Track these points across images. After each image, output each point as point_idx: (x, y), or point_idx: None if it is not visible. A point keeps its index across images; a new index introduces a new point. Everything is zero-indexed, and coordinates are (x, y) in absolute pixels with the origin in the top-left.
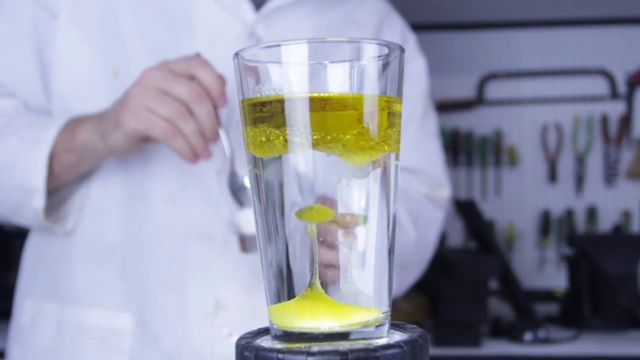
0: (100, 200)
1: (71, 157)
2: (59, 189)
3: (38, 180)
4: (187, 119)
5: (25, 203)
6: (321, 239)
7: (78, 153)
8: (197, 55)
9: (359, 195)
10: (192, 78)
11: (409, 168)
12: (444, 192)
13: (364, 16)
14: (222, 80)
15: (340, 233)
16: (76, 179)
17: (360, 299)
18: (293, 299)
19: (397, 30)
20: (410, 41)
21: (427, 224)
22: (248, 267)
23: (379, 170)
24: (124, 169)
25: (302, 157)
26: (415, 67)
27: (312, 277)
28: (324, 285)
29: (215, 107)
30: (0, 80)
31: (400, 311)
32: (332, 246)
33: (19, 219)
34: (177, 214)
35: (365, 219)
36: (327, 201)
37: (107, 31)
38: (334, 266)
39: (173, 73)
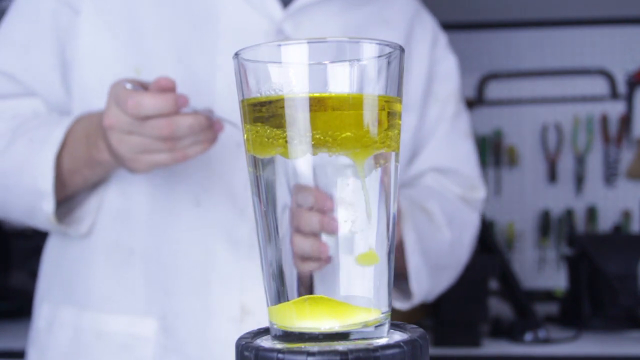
0: (119, 200)
1: (98, 170)
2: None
3: (45, 182)
4: (179, 140)
5: (36, 207)
6: (296, 227)
7: (102, 167)
8: (124, 90)
9: (358, 195)
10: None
11: (442, 169)
12: (479, 194)
13: (394, 15)
14: (163, 89)
15: (318, 220)
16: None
17: (360, 299)
18: (293, 300)
19: (429, 29)
20: (441, 40)
21: (462, 225)
22: None
23: (379, 171)
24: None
25: (302, 157)
26: (447, 65)
27: (311, 277)
28: (319, 284)
29: (185, 107)
30: (20, 80)
31: (400, 311)
32: (308, 235)
33: (35, 223)
34: (201, 215)
35: (367, 216)
36: (309, 191)
37: (130, 27)
38: (311, 258)
39: (128, 117)
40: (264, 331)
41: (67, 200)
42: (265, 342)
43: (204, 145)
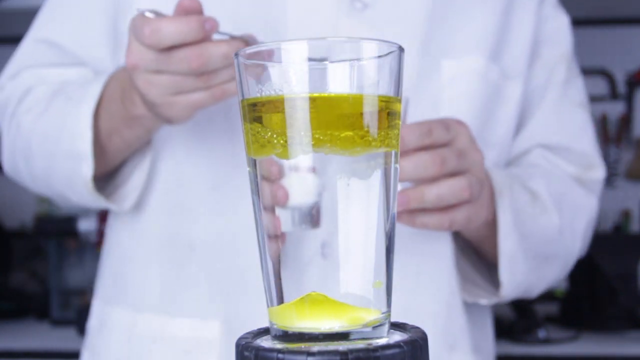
0: (176, 190)
1: (137, 130)
2: (119, 167)
3: (83, 143)
4: (215, 74)
5: (76, 172)
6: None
7: (141, 125)
8: (141, 19)
9: (358, 195)
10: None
11: (552, 145)
12: (597, 173)
13: None
14: (186, 11)
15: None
16: (141, 146)
17: (360, 299)
18: (293, 300)
19: None
20: None
21: (575, 209)
22: None
23: (379, 171)
24: (207, 158)
25: (302, 157)
26: (555, 24)
27: (308, 276)
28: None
29: (214, 31)
30: (69, 50)
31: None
32: (268, 209)
33: (75, 195)
34: None
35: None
36: None
37: None
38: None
39: (150, 50)
40: (264, 331)
41: (111, 176)
42: (265, 342)
43: None
